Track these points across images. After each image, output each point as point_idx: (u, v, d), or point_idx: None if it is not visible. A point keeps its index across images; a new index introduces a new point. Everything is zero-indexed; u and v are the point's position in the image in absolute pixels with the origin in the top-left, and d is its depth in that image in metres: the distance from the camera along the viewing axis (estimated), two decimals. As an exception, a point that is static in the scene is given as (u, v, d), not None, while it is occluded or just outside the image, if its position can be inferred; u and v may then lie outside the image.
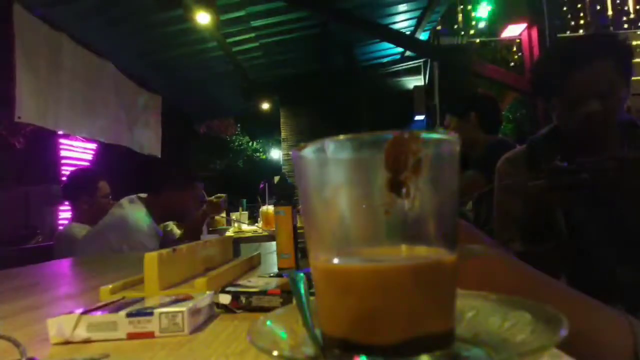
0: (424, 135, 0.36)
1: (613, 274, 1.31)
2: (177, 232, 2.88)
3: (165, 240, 2.49)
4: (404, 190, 0.35)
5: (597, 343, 0.63)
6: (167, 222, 2.87)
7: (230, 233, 3.58)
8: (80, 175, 3.20)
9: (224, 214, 4.08)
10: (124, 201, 2.41)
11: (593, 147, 1.37)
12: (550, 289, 0.69)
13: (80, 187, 2.92)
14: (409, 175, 0.35)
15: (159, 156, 5.89)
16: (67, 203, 3.47)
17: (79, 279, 1.53)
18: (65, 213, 5.40)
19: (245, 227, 3.90)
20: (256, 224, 3.94)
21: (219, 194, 2.98)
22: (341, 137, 0.36)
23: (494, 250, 0.71)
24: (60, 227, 4.13)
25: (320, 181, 0.39)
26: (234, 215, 4.09)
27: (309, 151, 0.38)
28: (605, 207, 1.33)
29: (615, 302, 0.71)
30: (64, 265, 1.85)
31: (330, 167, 0.39)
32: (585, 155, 1.32)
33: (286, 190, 1.16)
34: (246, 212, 4.44)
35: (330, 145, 0.37)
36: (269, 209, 3.56)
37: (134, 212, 2.33)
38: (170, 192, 2.41)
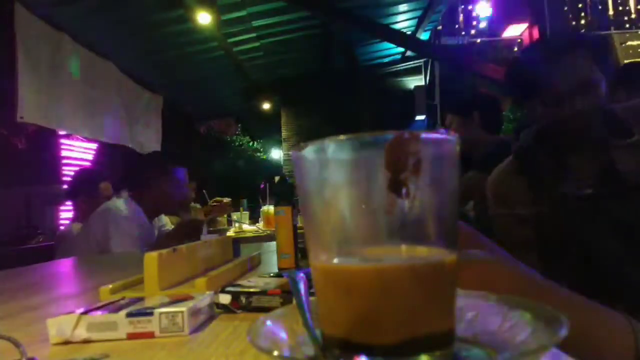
0: (424, 135, 0.36)
1: (619, 275, 1.29)
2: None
3: (161, 236, 2.50)
4: (404, 190, 0.35)
5: (599, 345, 0.63)
6: (165, 222, 2.86)
7: (231, 233, 3.58)
8: (83, 175, 3.22)
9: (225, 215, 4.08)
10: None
11: (580, 144, 1.35)
12: (551, 292, 0.69)
13: (81, 186, 2.93)
14: (409, 176, 0.35)
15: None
16: (69, 203, 3.48)
17: (79, 279, 1.53)
18: (66, 213, 5.40)
19: (246, 227, 3.90)
20: (257, 224, 3.94)
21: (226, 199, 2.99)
22: (341, 137, 0.36)
23: (494, 255, 0.71)
24: (62, 227, 4.14)
25: (320, 181, 0.39)
26: (234, 216, 4.08)
27: (309, 151, 0.38)
28: (610, 213, 1.32)
29: (620, 303, 0.71)
30: (64, 265, 1.85)
31: (330, 167, 0.39)
32: (572, 155, 1.32)
33: (286, 190, 1.16)
34: (247, 212, 4.43)
35: (331, 146, 0.37)
36: (269, 209, 3.56)
37: (116, 201, 2.36)
38: (150, 184, 2.42)
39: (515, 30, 6.31)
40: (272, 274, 0.84)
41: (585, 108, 1.28)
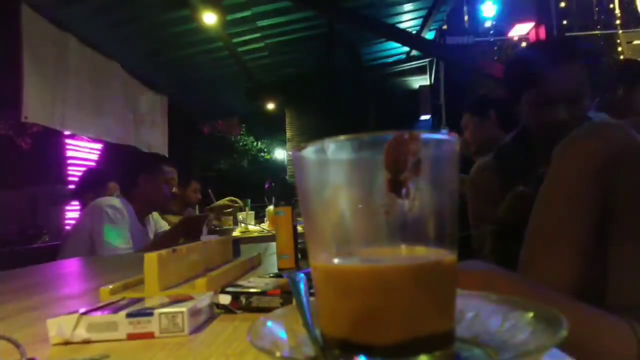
0: (424, 135, 0.36)
1: None
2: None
3: (158, 236, 2.49)
4: (403, 190, 0.35)
5: (601, 351, 0.62)
6: (163, 225, 2.85)
7: (237, 233, 3.59)
8: (90, 174, 3.23)
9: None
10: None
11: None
12: (552, 298, 0.68)
13: (88, 185, 2.94)
14: (408, 176, 0.35)
15: (166, 156, 5.89)
16: (76, 202, 3.49)
17: (79, 279, 1.54)
18: (72, 213, 5.41)
19: (251, 227, 3.91)
20: (262, 224, 3.95)
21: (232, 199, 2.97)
22: (341, 137, 0.36)
23: (495, 266, 0.71)
24: (67, 227, 4.15)
25: (320, 181, 0.39)
26: (240, 216, 4.10)
27: (309, 151, 0.38)
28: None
29: None
30: (64, 265, 1.85)
31: (330, 167, 0.39)
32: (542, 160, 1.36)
33: (286, 191, 1.16)
34: (253, 212, 4.44)
35: (331, 146, 0.37)
36: (275, 209, 3.55)
37: (107, 198, 2.36)
38: (140, 182, 2.42)
39: (522, 30, 6.28)
40: (272, 275, 0.83)
41: (569, 117, 1.30)
